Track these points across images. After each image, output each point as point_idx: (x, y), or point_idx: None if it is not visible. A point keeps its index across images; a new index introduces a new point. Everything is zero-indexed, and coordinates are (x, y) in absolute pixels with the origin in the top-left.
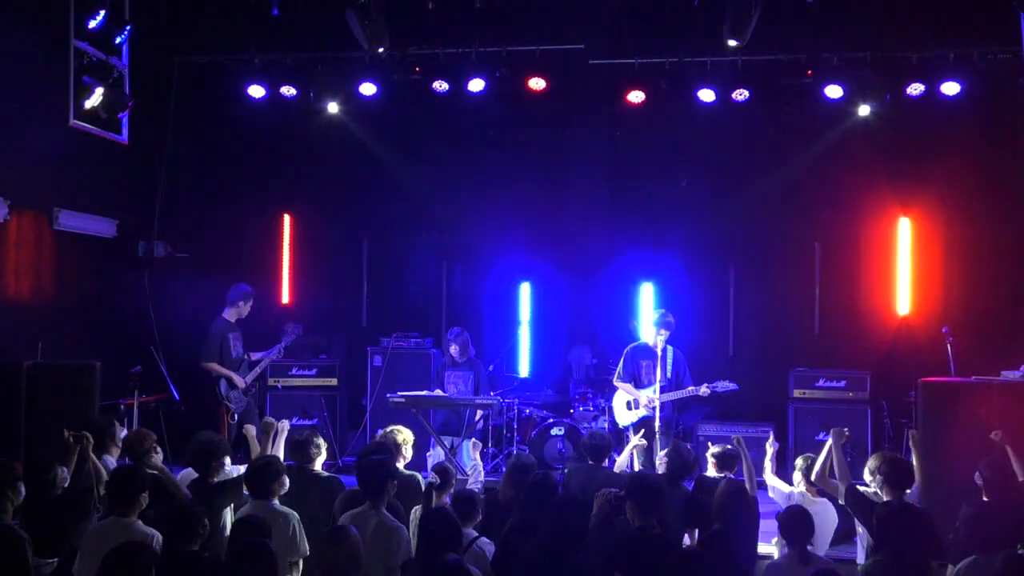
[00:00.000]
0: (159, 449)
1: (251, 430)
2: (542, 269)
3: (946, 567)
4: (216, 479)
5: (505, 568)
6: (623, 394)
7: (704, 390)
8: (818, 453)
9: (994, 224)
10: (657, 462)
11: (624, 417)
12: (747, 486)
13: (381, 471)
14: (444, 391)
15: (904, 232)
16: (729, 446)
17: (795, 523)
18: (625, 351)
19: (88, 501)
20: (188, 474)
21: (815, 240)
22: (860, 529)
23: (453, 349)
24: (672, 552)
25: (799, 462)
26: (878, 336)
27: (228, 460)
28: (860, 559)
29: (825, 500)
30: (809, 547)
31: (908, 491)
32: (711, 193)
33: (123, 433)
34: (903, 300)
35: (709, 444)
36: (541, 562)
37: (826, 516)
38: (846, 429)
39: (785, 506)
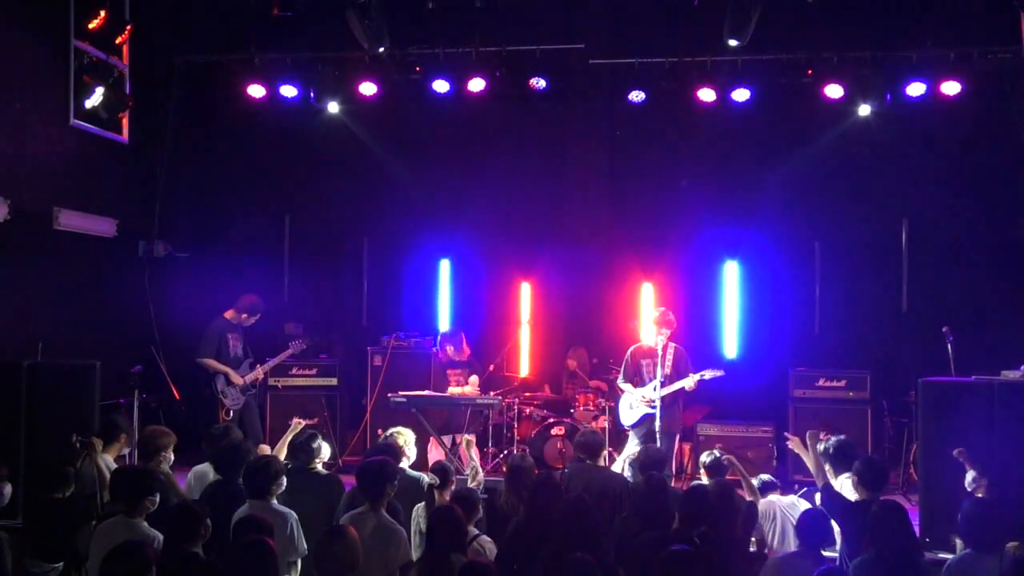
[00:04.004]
0: (171, 455)
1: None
2: (542, 269)
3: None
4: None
5: (509, 569)
6: (627, 395)
7: (690, 384)
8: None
9: (994, 224)
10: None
11: (626, 417)
12: (744, 487)
13: (381, 473)
14: (445, 389)
15: (904, 231)
16: (718, 453)
17: (810, 524)
18: (628, 352)
19: (92, 506)
20: (202, 471)
21: (815, 240)
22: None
23: (450, 349)
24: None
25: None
26: (878, 336)
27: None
28: None
29: (806, 502)
30: (824, 550)
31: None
32: (711, 193)
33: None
34: (903, 300)
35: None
36: (552, 563)
37: None
38: (821, 432)
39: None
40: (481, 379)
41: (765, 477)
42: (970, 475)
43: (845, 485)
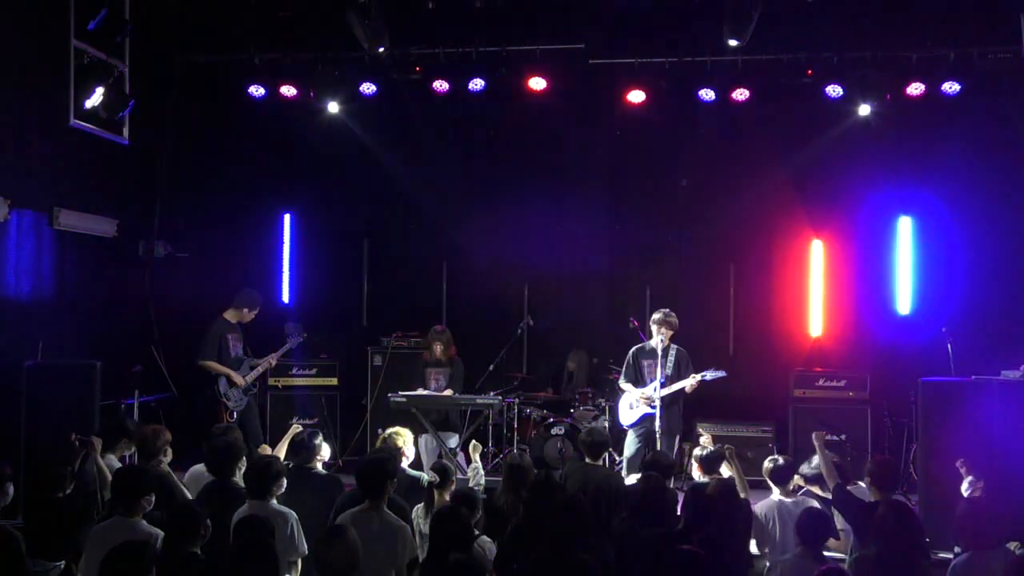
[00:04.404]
0: (169, 451)
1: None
2: (542, 269)
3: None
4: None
5: (508, 569)
6: (627, 395)
7: (691, 384)
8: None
9: (994, 224)
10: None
11: (626, 417)
12: (738, 483)
13: (380, 471)
14: (426, 388)
15: (904, 231)
16: (710, 448)
17: (812, 524)
18: (629, 352)
19: (92, 505)
20: (198, 471)
21: (815, 240)
22: (844, 527)
23: (437, 348)
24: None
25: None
26: (878, 336)
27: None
28: None
29: (813, 500)
30: (824, 550)
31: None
32: (711, 193)
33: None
34: (904, 300)
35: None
36: (548, 563)
37: None
38: (825, 432)
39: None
40: (459, 383)
41: (780, 461)
42: (966, 482)
43: None
